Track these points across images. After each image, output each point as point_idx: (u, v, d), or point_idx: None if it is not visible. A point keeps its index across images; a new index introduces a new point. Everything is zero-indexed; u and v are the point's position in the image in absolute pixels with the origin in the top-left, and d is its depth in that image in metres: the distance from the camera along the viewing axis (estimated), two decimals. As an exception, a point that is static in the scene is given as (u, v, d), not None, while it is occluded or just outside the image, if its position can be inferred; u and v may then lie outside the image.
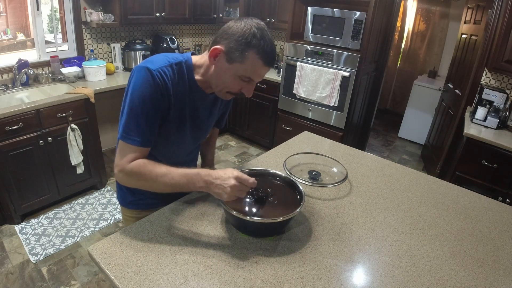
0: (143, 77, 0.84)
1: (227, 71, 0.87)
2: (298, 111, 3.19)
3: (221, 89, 0.92)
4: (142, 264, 0.80)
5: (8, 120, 1.97)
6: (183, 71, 0.92)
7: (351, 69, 2.72)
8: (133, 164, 0.87)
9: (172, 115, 0.93)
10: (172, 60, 0.91)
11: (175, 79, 0.90)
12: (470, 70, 2.74)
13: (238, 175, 0.84)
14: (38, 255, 2.00)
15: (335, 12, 2.76)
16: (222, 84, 0.90)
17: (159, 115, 0.89)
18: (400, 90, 5.00)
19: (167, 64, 0.89)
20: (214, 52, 0.86)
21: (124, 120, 0.87)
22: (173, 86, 0.89)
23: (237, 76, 0.87)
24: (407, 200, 1.19)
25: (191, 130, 1.03)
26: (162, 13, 3.01)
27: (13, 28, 2.93)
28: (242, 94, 0.93)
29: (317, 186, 1.22)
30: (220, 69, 0.88)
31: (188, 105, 0.96)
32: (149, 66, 0.85)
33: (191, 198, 1.10)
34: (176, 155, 1.08)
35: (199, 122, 1.05)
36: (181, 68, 0.92)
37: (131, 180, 0.90)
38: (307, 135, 1.72)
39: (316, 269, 0.83)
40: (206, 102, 1.02)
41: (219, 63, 0.87)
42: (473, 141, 2.17)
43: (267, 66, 0.87)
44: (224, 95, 0.94)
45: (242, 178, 0.83)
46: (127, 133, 0.86)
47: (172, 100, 0.90)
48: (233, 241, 0.91)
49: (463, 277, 0.85)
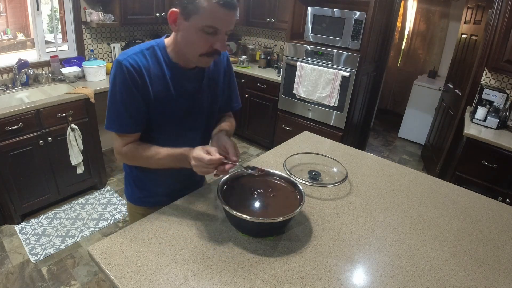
0: (114, 70, 0.89)
1: (189, 29, 0.83)
2: (298, 111, 3.19)
3: (193, 55, 0.88)
4: (142, 264, 0.80)
5: (8, 120, 1.97)
6: (157, 54, 0.93)
7: (351, 69, 2.72)
8: (125, 148, 0.96)
9: (156, 97, 0.93)
10: (144, 47, 0.92)
11: (147, 64, 0.90)
12: (470, 70, 2.74)
13: (195, 155, 0.86)
14: (38, 255, 2.00)
15: (335, 12, 2.76)
16: (191, 47, 0.87)
17: (138, 101, 0.91)
18: (400, 90, 5.00)
19: (137, 51, 0.90)
20: (172, 17, 0.84)
21: (107, 112, 0.93)
22: (147, 71, 0.90)
23: (200, 30, 0.82)
24: (407, 200, 1.19)
25: (187, 107, 1.01)
26: (162, 13, 3.01)
27: (13, 28, 2.93)
28: (216, 52, 0.87)
29: (317, 186, 1.22)
30: (183, 32, 0.86)
31: (171, 84, 0.95)
32: (119, 58, 0.89)
33: (191, 198, 1.10)
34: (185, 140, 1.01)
35: (190, 97, 1.01)
36: (154, 52, 0.92)
37: (127, 161, 1.03)
38: (307, 135, 1.72)
39: (316, 269, 0.83)
40: (191, 77, 1.00)
41: (181, 27, 0.85)
42: (473, 141, 2.17)
43: (224, 7, 0.80)
44: (200, 60, 0.90)
45: (199, 157, 0.85)
46: (110, 123, 0.93)
47: (148, 84, 0.91)
48: (233, 241, 0.91)
49: (463, 277, 0.85)
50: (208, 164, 0.85)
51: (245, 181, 1.04)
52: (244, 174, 1.06)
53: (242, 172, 1.06)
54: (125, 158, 0.99)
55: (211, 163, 0.85)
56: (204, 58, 0.89)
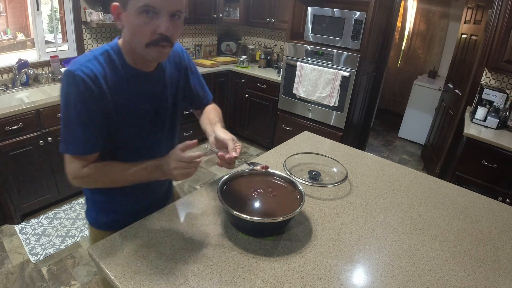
0: (66, 82, 0.79)
1: (130, 18, 0.76)
2: (298, 111, 3.19)
3: (141, 46, 0.79)
4: (142, 264, 0.80)
5: (8, 120, 1.97)
6: (112, 59, 0.84)
7: (351, 69, 2.72)
8: (85, 170, 0.84)
9: (117, 107, 0.85)
10: (97, 52, 0.83)
11: (103, 71, 0.81)
12: (470, 70, 2.74)
13: (173, 157, 0.81)
14: (38, 255, 2.00)
15: (335, 12, 2.76)
16: (136, 38, 0.79)
17: (97, 116, 0.81)
18: (400, 90, 5.00)
19: (91, 58, 0.81)
20: (114, 12, 0.79)
21: (61, 131, 0.82)
22: (104, 79, 0.81)
23: (138, 14, 0.75)
24: (407, 200, 1.19)
25: (151, 113, 0.94)
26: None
27: (13, 28, 2.93)
28: (163, 38, 0.78)
29: (317, 186, 1.22)
30: (126, 23, 0.79)
31: (132, 90, 0.87)
32: (70, 68, 0.78)
33: (191, 198, 1.10)
34: (147, 150, 0.96)
35: (153, 102, 0.94)
36: (108, 57, 0.84)
37: (88, 184, 0.92)
38: (307, 135, 1.72)
39: (316, 269, 0.83)
40: (152, 80, 0.92)
41: (123, 19, 0.79)
42: (473, 141, 2.17)
43: None
44: (149, 53, 0.80)
45: (178, 157, 0.81)
46: (66, 144, 0.83)
47: (107, 93, 0.82)
48: (233, 241, 0.91)
49: (463, 277, 0.85)
50: (189, 163, 0.81)
51: (245, 181, 1.04)
52: (245, 173, 1.06)
53: (242, 172, 1.06)
54: (85, 181, 0.87)
55: (191, 160, 0.80)
56: (153, 49, 0.79)
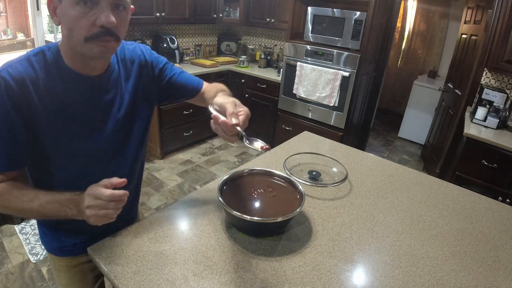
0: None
1: (65, 9, 0.66)
2: (298, 111, 3.19)
3: (79, 42, 0.68)
4: (142, 264, 0.80)
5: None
6: (47, 60, 0.72)
7: (351, 69, 2.72)
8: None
9: (49, 120, 0.72)
10: (31, 53, 0.71)
11: (35, 74, 0.69)
12: (470, 70, 2.74)
13: (89, 192, 0.67)
14: (38, 255, 2.00)
15: (335, 12, 2.76)
16: (74, 32, 0.67)
17: (18, 128, 0.69)
18: (400, 90, 5.00)
19: (23, 59, 0.70)
20: (49, 5, 0.69)
21: None
22: (33, 84, 0.68)
23: (75, 5, 0.64)
24: (407, 200, 1.19)
25: (99, 128, 0.80)
26: (162, 13, 3.02)
27: (13, 28, 2.93)
28: (105, 31, 0.67)
29: (317, 186, 1.22)
30: (62, 18, 0.68)
31: (68, 100, 0.74)
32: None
33: (191, 198, 1.10)
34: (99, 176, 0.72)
35: (102, 114, 0.80)
36: (44, 59, 0.71)
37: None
38: (307, 135, 1.72)
39: (316, 269, 0.83)
40: (98, 87, 0.79)
41: (60, 13, 0.68)
42: (473, 141, 2.17)
43: None
44: (90, 48, 0.68)
45: (96, 194, 0.66)
46: None
47: (36, 102, 0.69)
48: (233, 241, 0.91)
49: (463, 277, 0.85)
50: (108, 202, 0.66)
51: (245, 181, 1.04)
52: (245, 173, 1.06)
53: (242, 171, 1.06)
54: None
55: (112, 198, 0.66)
56: (93, 44, 0.68)
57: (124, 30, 0.73)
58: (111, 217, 0.69)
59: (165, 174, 3.06)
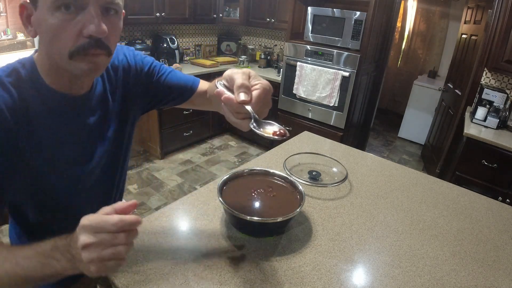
0: None
1: (43, 17, 0.54)
2: (298, 111, 3.19)
3: (62, 56, 0.56)
4: (142, 264, 0.80)
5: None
6: (23, 81, 0.61)
7: (351, 69, 2.72)
8: None
9: (32, 152, 0.62)
10: (2, 73, 0.60)
11: (10, 99, 0.58)
12: (470, 70, 2.74)
13: (87, 224, 0.47)
14: (38, 255, 2.00)
15: (335, 12, 2.76)
16: (55, 44, 0.56)
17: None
18: (400, 90, 5.00)
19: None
20: (21, 13, 0.57)
21: None
22: (10, 111, 0.58)
23: (55, 11, 0.53)
24: (407, 200, 1.19)
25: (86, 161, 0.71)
26: (162, 13, 3.01)
27: (13, 28, 2.93)
28: (93, 42, 0.56)
29: (317, 186, 1.22)
30: (40, 27, 0.56)
31: (51, 126, 0.64)
32: None
33: (191, 198, 1.10)
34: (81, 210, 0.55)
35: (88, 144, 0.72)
36: (18, 78, 0.60)
37: None
38: (307, 135, 1.72)
39: (316, 269, 0.83)
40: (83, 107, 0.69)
41: (35, 22, 0.57)
42: (473, 141, 2.17)
43: None
44: (76, 66, 0.58)
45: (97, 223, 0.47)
46: None
47: (14, 131, 0.59)
48: (233, 241, 0.91)
49: (463, 277, 0.85)
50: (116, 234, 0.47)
51: (245, 181, 1.04)
52: (245, 173, 1.06)
53: (242, 171, 1.06)
54: None
55: (123, 228, 0.48)
56: (80, 60, 0.57)
57: (116, 40, 0.62)
58: (121, 257, 0.49)
59: (165, 174, 3.06)
